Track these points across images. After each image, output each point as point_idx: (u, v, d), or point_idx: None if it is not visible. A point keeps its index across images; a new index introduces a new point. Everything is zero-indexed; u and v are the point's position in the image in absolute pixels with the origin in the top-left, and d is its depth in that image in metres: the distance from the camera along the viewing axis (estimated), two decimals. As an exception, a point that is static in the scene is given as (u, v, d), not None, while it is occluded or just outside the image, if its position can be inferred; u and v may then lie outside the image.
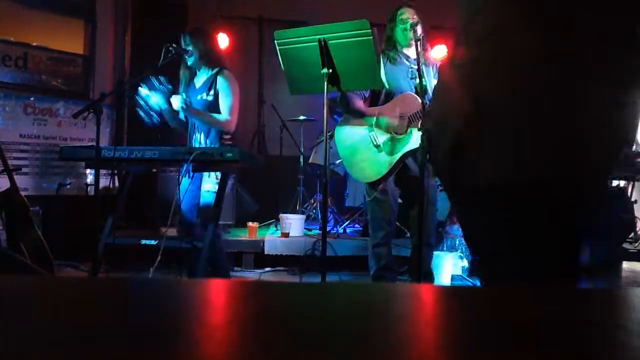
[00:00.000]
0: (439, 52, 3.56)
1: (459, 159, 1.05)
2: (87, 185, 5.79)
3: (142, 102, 3.24)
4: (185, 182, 3.38)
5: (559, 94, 0.97)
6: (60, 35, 6.08)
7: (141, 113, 3.24)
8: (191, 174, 3.39)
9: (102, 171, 5.90)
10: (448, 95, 1.10)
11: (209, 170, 3.23)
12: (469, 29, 1.08)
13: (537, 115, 0.97)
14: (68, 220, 5.09)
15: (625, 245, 5.38)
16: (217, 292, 0.67)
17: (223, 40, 4.60)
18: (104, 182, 5.90)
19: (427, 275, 3.58)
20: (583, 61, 0.97)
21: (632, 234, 5.49)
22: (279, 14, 7.12)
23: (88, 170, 5.84)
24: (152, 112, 3.26)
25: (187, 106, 3.25)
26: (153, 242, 3.15)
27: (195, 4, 6.68)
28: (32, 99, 5.54)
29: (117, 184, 5.85)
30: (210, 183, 3.32)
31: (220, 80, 3.39)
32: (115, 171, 5.91)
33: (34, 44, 5.72)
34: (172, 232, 4.24)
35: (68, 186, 5.69)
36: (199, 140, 3.40)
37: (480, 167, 1.02)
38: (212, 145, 3.31)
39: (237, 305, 0.60)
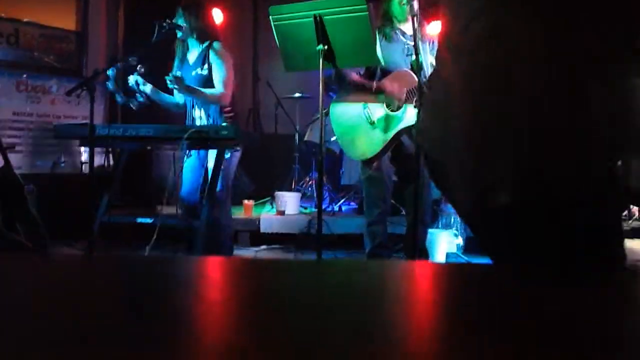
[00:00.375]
0: (435, 27, 3.53)
1: (475, 182, 1.03)
2: (81, 163, 5.76)
3: (132, 87, 3.23)
4: (187, 160, 3.37)
5: (560, 93, 0.97)
6: (52, 11, 6.00)
7: (120, 99, 3.22)
8: (190, 152, 3.39)
9: (97, 149, 5.87)
10: (443, 114, 1.08)
11: (205, 148, 3.21)
12: (461, 39, 1.06)
13: (537, 115, 0.97)
14: (63, 198, 5.07)
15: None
16: (213, 269, 0.67)
17: (217, 16, 4.55)
18: (98, 160, 5.88)
19: (422, 253, 3.59)
20: (584, 60, 0.96)
21: (626, 212, 5.52)
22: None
23: (82, 149, 5.81)
24: (136, 96, 3.24)
25: (178, 84, 3.21)
26: (149, 220, 3.16)
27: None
28: (24, 76, 5.50)
29: (111, 162, 5.85)
30: (211, 160, 3.31)
31: (212, 53, 3.37)
32: (110, 149, 5.91)
33: (25, 19, 5.65)
34: (168, 210, 4.25)
35: (62, 164, 5.67)
36: (199, 116, 3.39)
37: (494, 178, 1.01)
38: (214, 122, 3.30)
39: (233, 282, 0.60)
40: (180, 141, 2.93)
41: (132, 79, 3.22)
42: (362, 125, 3.42)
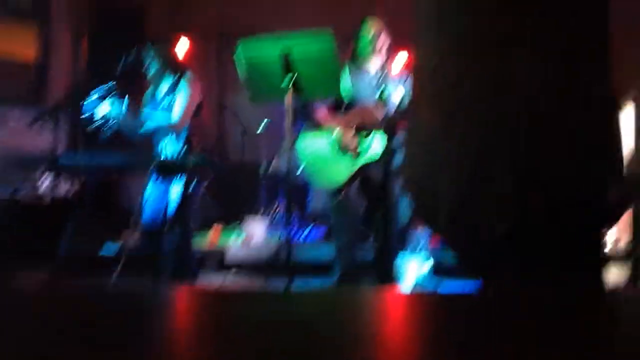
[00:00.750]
0: (401, 60, 3.62)
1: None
2: (43, 192, 5.64)
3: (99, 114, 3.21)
4: (150, 187, 3.35)
5: (556, 99, 1.00)
6: (12, 41, 5.91)
7: (97, 126, 3.21)
8: (156, 179, 3.37)
9: (58, 179, 5.77)
10: (429, 152, 1.11)
11: (173, 176, 3.20)
12: (431, 84, 1.10)
13: (534, 119, 1.00)
14: (24, 227, 4.94)
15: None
16: (181, 299, 0.66)
17: (183, 45, 4.58)
18: (60, 188, 5.76)
19: (392, 279, 3.62)
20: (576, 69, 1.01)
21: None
22: (238, 22, 7.09)
23: (44, 177, 5.70)
24: (108, 124, 3.22)
25: (134, 115, 3.24)
26: (116, 248, 3.11)
27: (153, 10, 6.59)
28: (-16, 106, 5.39)
29: (72, 190, 5.74)
30: (178, 187, 3.30)
31: (182, 84, 3.40)
32: (72, 177, 5.80)
33: (-14, 49, 5.56)
34: (134, 238, 4.19)
35: (23, 194, 5.53)
36: (167, 145, 3.38)
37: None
38: (182, 150, 3.30)
39: (200, 314, 0.60)
40: (147, 169, 2.91)
41: (107, 108, 3.20)
42: (330, 153, 3.46)
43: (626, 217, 6.66)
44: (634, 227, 6.34)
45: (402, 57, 4.48)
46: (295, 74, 2.85)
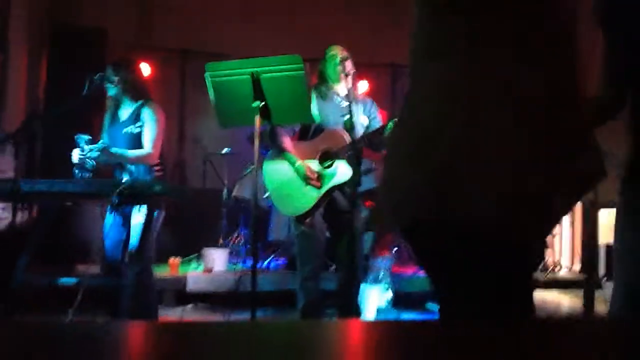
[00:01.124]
0: (364, 87, 3.67)
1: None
2: (-5, 220, 5.43)
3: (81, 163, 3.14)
4: (109, 217, 3.26)
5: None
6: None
7: (80, 172, 3.14)
8: (114, 208, 3.27)
9: (3, 205, 5.56)
10: (418, 157, 1.11)
11: (136, 204, 3.12)
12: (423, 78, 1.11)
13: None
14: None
15: (536, 275, 5.66)
16: (141, 336, 0.63)
17: (145, 71, 4.53)
18: (10, 217, 5.55)
19: (355, 309, 3.60)
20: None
21: (542, 263, 5.79)
22: (200, 45, 7.09)
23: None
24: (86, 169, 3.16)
25: (106, 154, 3.17)
26: (73, 281, 3.00)
27: (114, 32, 6.51)
28: None
29: (20, 218, 5.53)
30: (139, 216, 3.20)
31: (146, 111, 3.34)
32: (19, 205, 5.60)
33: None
34: (91, 269, 4.06)
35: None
36: (126, 172, 3.30)
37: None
38: (141, 177, 3.22)
39: (162, 350, 0.56)
40: (109, 197, 2.83)
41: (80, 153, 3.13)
42: (294, 181, 3.44)
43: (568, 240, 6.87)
44: (582, 254, 6.56)
45: (364, 84, 4.55)
46: (265, 99, 2.84)
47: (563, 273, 6.21)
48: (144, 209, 3.20)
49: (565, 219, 7.23)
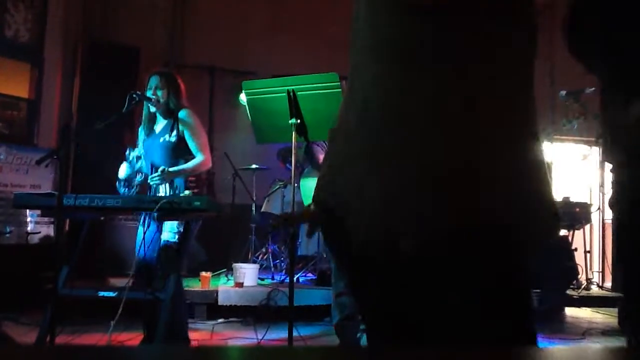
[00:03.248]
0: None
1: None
2: (27, 233, 5.53)
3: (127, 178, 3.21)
4: (141, 231, 3.29)
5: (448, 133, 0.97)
6: (6, 79, 5.90)
7: (124, 189, 3.21)
8: (147, 222, 3.31)
9: (44, 219, 5.67)
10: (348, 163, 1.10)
11: (175, 219, 3.15)
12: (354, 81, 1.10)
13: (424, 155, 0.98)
14: (7, 269, 4.83)
15: (569, 292, 5.59)
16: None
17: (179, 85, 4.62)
18: (45, 230, 5.66)
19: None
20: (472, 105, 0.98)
21: (575, 281, 5.71)
22: (230, 63, 7.19)
23: (29, 218, 5.60)
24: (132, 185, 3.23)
25: (166, 175, 3.21)
26: (112, 294, 3.03)
27: (147, 50, 6.65)
28: (-28, 143, 5.32)
29: (64, 232, 5.63)
30: (170, 231, 3.23)
31: (182, 118, 3.34)
32: (55, 219, 5.70)
33: (-23, 87, 5.54)
34: (121, 282, 4.10)
35: (7, 235, 5.42)
36: (165, 187, 3.33)
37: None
38: (178, 192, 3.25)
39: None
40: (149, 212, 2.88)
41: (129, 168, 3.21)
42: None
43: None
44: (613, 271, 6.44)
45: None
46: (301, 116, 2.88)
47: (595, 290, 6.12)
48: (175, 223, 3.23)
49: (596, 236, 7.15)
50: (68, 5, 6.37)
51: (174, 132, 3.33)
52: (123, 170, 3.19)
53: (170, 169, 3.24)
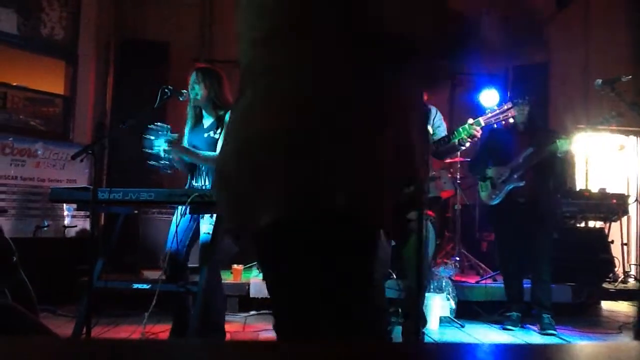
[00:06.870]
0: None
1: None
2: (64, 227, 5.65)
3: (152, 151, 3.23)
4: (174, 223, 3.31)
5: (322, 128, 1.02)
6: (42, 76, 6.04)
7: (154, 163, 3.23)
8: (181, 216, 3.33)
9: (80, 213, 5.78)
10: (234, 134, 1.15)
11: (207, 212, 3.17)
12: (248, 70, 1.14)
13: (303, 148, 1.01)
14: (45, 263, 4.94)
15: (605, 285, 5.47)
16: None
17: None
18: (81, 224, 5.78)
19: (421, 319, 3.57)
20: (344, 97, 1.04)
21: (611, 274, 5.59)
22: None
23: (66, 212, 5.72)
24: (161, 160, 3.24)
25: (177, 148, 3.21)
26: (146, 286, 3.08)
27: (177, 46, 6.71)
28: (10, 139, 5.44)
29: (90, 225, 5.73)
30: (208, 224, 3.25)
31: (227, 120, 3.34)
32: (90, 213, 5.80)
33: (14, 83, 5.66)
34: (154, 274, 4.16)
35: (45, 228, 5.55)
36: (203, 181, 3.35)
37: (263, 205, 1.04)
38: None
39: None
40: (184, 205, 2.91)
41: (158, 146, 3.23)
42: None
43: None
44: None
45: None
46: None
47: (632, 283, 5.98)
48: (213, 216, 3.24)
49: (634, 228, 6.98)
50: (101, 4, 6.48)
51: (219, 130, 3.33)
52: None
53: (184, 144, 3.26)
